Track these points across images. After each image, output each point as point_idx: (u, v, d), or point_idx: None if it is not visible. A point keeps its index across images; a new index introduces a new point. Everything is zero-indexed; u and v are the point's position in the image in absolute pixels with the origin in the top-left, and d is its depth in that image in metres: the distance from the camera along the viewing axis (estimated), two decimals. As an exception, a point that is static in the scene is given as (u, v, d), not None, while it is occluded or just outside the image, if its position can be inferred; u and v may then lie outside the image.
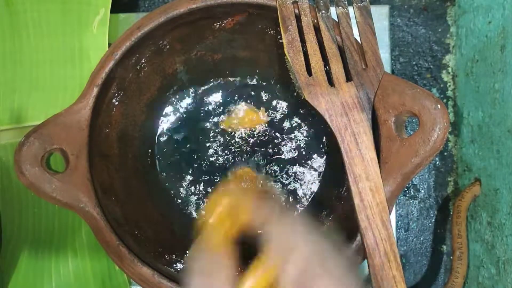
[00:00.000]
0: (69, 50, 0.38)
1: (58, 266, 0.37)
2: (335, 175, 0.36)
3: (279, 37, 0.33)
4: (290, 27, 0.29)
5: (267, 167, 0.38)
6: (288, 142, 0.38)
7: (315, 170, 0.37)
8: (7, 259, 0.37)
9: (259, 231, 0.25)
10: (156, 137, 0.38)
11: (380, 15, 0.41)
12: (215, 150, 0.38)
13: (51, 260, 0.37)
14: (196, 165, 0.38)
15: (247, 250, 0.26)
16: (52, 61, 0.38)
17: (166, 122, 0.38)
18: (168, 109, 0.38)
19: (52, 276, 0.37)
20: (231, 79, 0.38)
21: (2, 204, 0.37)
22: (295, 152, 0.38)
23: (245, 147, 0.38)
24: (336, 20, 0.29)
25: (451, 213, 0.42)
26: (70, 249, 0.38)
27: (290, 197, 0.37)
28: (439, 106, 0.26)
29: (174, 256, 0.32)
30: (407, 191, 0.43)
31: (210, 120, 0.38)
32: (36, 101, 0.38)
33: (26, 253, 0.37)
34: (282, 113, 0.38)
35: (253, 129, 0.38)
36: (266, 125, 0.38)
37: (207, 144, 0.38)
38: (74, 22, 0.38)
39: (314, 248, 0.24)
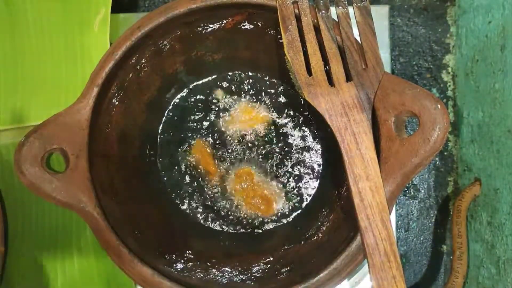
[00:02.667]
0: (71, 49, 0.38)
1: (63, 264, 0.37)
2: (335, 175, 0.36)
3: (279, 37, 0.33)
4: (290, 27, 0.29)
5: (267, 166, 0.38)
6: (288, 141, 0.38)
7: (315, 169, 0.37)
8: (11, 258, 0.37)
9: None
10: (156, 137, 0.38)
11: (380, 15, 0.41)
12: (216, 149, 0.38)
13: (56, 258, 0.37)
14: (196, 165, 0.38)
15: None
16: (53, 61, 0.38)
17: (166, 122, 0.38)
18: (168, 109, 0.38)
19: (58, 274, 0.37)
20: (231, 79, 0.38)
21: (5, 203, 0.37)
22: (295, 151, 0.38)
23: (245, 146, 0.38)
24: (336, 20, 0.29)
25: (451, 213, 0.42)
26: (75, 248, 0.37)
27: (290, 197, 0.37)
28: (439, 106, 0.26)
29: (174, 256, 0.32)
30: (407, 191, 0.43)
31: (211, 120, 0.38)
32: (38, 101, 0.38)
33: (30, 252, 0.37)
34: (282, 113, 0.38)
35: (253, 129, 0.38)
36: (266, 124, 0.38)
37: (207, 144, 0.38)
38: (75, 22, 0.38)
39: None
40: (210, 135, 0.38)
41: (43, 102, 0.38)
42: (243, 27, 0.33)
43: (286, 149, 0.38)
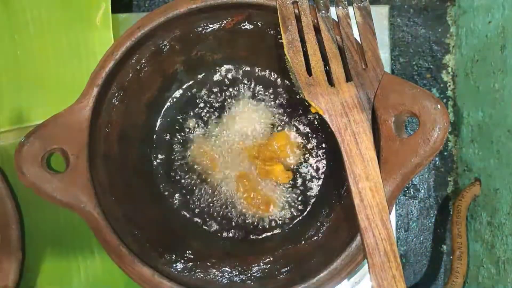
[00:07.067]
0: (74, 46, 0.38)
1: (85, 260, 0.37)
2: (335, 176, 0.36)
3: (279, 37, 0.33)
4: (290, 27, 0.29)
5: (267, 167, 0.38)
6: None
7: (315, 170, 0.37)
8: (30, 258, 0.37)
9: None
10: (156, 136, 0.38)
11: (380, 15, 0.41)
12: (216, 149, 0.38)
13: (76, 254, 0.37)
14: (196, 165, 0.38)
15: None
16: (57, 59, 0.38)
17: (166, 122, 0.38)
18: (168, 109, 0.38)
19: (80, 270, 0.37)
20: (231, 79, 0.38)
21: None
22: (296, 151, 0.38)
23: (245, 146, 0.38)
24: (336, 20, 0.29)
25: (451, 213, 0.42)
26: (95, 243, 0.37)
27: (291, 197, 0.37)
28: (439, 106, 0.26)
29: (174, 256, 0.32)
30: (407, 191, 0.43)
31: (210, 120, 0.38)
32: (44, 99, 0.38)
33: (49, 250, 0.37)
34: (282, 113, 0.38)
35: (254, 128, 0.38)
36: (266, 124, 0.38)
37: (207, 144, 0.38)
38: (76, 18, 0.38)
39: None
40: (210, 135, 0.38)
41: (49, 99, 0.38)
42: (243, 27, 0.34)
43: (286, 149, 0.38)
